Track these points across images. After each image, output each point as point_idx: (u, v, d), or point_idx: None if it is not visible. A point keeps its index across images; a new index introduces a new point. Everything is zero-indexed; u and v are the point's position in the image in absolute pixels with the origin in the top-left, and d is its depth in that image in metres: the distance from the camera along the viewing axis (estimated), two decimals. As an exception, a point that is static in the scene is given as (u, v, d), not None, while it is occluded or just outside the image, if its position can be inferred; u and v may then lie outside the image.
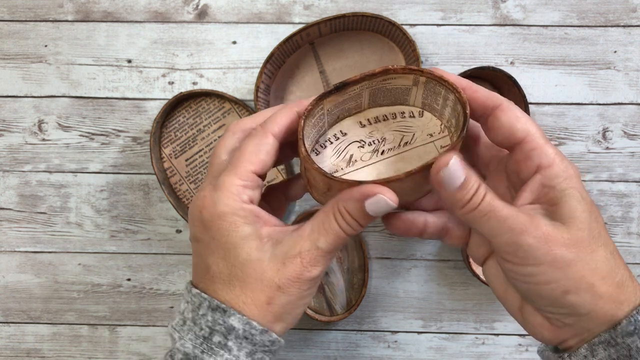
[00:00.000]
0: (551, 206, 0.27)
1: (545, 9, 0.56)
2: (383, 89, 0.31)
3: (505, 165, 0.31)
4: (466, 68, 0.54)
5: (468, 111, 0.27)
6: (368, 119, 0.32)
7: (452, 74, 0.29)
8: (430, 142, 0.32)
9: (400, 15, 0.56)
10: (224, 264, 0.28)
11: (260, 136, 0.29)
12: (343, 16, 0.50)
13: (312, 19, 0.56)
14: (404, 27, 0.55)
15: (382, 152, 0.32)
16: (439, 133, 0.32)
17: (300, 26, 0.53)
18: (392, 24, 0.51)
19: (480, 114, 0.29)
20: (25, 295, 0.58)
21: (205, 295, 0.28)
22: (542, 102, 0.56)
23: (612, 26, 0.55)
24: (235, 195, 0.27)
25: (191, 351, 0.27)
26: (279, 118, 0.29)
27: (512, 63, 0.56)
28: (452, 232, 0.32)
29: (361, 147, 0.32)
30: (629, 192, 0.56)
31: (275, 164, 0.31)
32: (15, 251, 0.58)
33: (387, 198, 0.26)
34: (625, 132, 0.56)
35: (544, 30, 0.56)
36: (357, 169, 0.32)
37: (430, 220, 0.31)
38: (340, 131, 0.29)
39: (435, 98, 0.30)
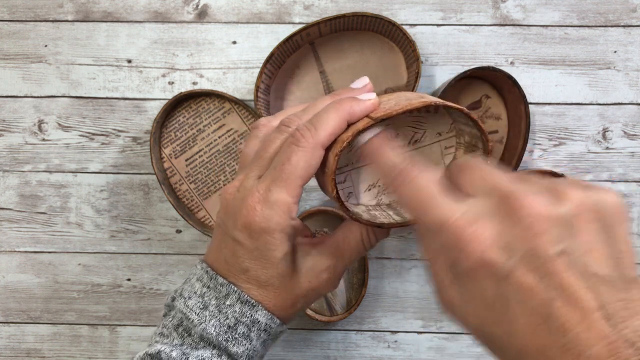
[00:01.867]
0: None
1: (545, 9, 0.56)
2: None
3: None
4: (466, 68, 0.54)
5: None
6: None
7: None
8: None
9: (400, 15, 0.56)
10: (262, 272, 0.30)
11: (313, 150, 0.29)
12: (343, 16, 0.50)
13: (312, 19, 0.56)
14: (404, 27, 0.55)
15: None
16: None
17: (300, 26, 0.53)
18: (392, 24, 0.51)
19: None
20: (25, 295, 0.58)
21: (236, 288, 0.30)
22: (542, 102, 0.56)
23: (612, 26, 0.55)
24: (286, 213, 0.29)
25: (214, 338, 0.30)
26: (331, 127, 0.29)
27: (512, 63, 0.56)
28: None
29: None
30: (629, 192, 0.56)
31: None
32: (15, 251, 0.58)
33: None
34: (625, 132, 0.56)
35: (544, 30, 0.56)
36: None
37: None
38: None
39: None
